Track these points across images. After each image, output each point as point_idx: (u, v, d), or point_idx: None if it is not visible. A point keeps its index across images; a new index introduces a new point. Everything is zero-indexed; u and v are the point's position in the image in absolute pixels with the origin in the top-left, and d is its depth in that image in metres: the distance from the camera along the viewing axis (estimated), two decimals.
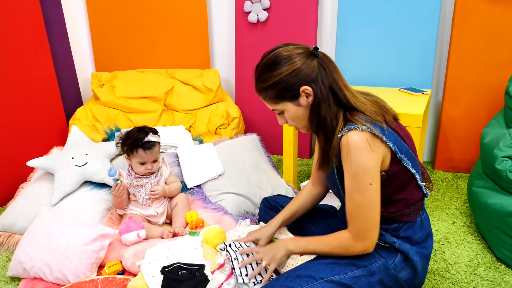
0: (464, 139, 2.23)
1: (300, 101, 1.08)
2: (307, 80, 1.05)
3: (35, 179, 1.85)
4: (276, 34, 2.48)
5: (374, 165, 1.01)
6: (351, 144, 1.01)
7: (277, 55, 1.07)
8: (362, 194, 1.02)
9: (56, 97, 2.35)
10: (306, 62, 1.05)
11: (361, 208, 1.04)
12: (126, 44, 2.68)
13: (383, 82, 2.29)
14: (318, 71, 1.05)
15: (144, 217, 1.66)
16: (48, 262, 1.40)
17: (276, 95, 1.09)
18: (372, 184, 1.02)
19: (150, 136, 1.59)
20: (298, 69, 1.04)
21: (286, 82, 1.05)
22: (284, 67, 1.05)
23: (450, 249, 1.57)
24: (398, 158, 1.06)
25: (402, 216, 1.12)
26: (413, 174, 1.09)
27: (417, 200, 1.13)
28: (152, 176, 1.66)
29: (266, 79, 1.08)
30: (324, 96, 1.05)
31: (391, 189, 1.09)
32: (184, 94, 2.51)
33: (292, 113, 1.11)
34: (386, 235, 1.13)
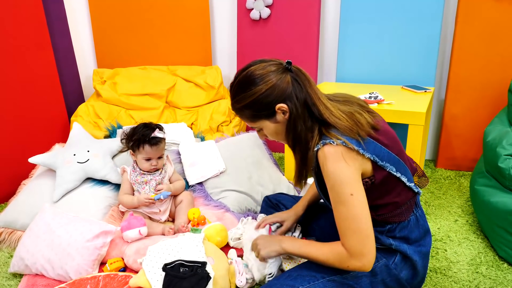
0: (466, 137, 2.22)
1: (277, 118, 1.07)
2: (282, 97, 1.04)
3: (37, 175, 1.85)
4: (278, 31, 2.47)
5: (351, 177, 0.99)
6: (326, 157, 1.00)
7: (250, 74, 1.06)
8: (345, 206, 0.99)
9: (57, 94, 2.34)
10: (280, 78, 1.04)
11: (347, 220, 1.00)
12: (128, 41, 2.67)
13: (386, 79, 2.28)
14: (292, 87, 1.04)
15: (147, 214, 1.66)
16: (50, 259, 1.40)
17: (252, 114, 1.08)
18: (353, 195, 0.99)
19: (156, 132, 1.60)
20: (272, 87, 1.03)
21: (261, 101, 1.05)
22: (257, 87, 1.04)
23: (452, 247, 1.56)
24: (379, 166, 1.05)
25: (394, 217, 1.11)
26: (398, 177, 1.07)
27: (408, 199, 1.12)
28: (156, 172, 1.66)
29: (240, 100, 1.07)
30: (299, 112, 1.05)
31: (379, 194, 1.07)
32: (186, 91, 2.51)
33: (270, 130, 1.11)
34: (382, 237, 1.12)
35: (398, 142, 1.13)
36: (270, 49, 2.52)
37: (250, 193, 1.80)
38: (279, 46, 2.49)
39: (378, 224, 1.11)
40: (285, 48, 2.48)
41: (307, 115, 1.05)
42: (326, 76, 2.60)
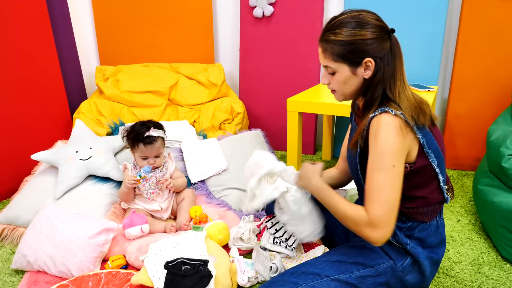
0: (470, 137, 2.21)
1: (357, 69, 1.06)
2: (375, 55, 1.03)
3: (39, 172, 1.85)
4: (281, 29, 2.46)
5: (400, 149, 1.00)
6: (382, 123, 1.00)
7: (363, 17, 1.05)
8: (383, 174, 0.99)
9: (60, 91, 2.34)
10: (383, 37, 1.04)
11: (380, 188, 0.99)
12: (130, 38, 2.67)
13: None
14: (388, 51, 1.04)
15: (148, 211, 1.66)
16: (52, 255, 1.40)
17: (341, 53, 1.05)
18: (395, 167, 0.99)
19: (151, 131, 1.58)
20: (375, 40, 1.03)
21: (358, 45, 1.03)
22: (364, 31, 1.03)
23: (455, 247, 1.56)
24: (424, 153, 1.05)
25: (418, 214, 1.11)
26: (437, 173, 1.08)
27: (436, 202, 1.12)
28: (157, 170, 1.66)
29: (339, 34, 1.04)
30: (381, 76, 1.04)
31: (412, 184, 1.08)
32: (188, 88, 2.50)
33: (343, 77, 1.08)
34: (400, 235, 1.11)
35: (444, 147, 1.14)
36: (273, 46, 2.51)
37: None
38: (282, 44, 2.48)
39: (400, 219, 1.11)
40: (288, 46, 2.48)
41: (385, 84, 1.05)
42: None
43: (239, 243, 1.53)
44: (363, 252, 1.13)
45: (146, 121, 1.66)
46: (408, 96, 1.05)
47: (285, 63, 2.51)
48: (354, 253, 1.14)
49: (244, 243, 1.52)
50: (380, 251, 1.13)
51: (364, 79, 1.07)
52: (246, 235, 1.52)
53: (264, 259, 1.35)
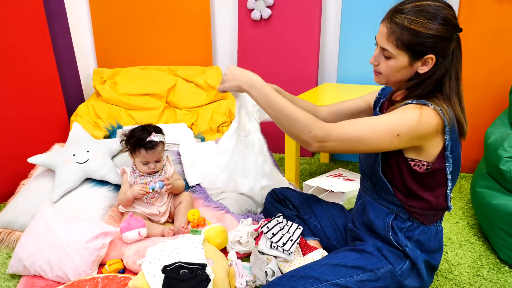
0: (467, 139, 2.16)
1: (416, 63, 1.01)
2: (439, 53, 0.99)
3: (36, 175, 1.84)
4: (279, 32, 2.46)
5: (414, 127, 0.98)
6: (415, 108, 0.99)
7: (441, 10, 0.97)
8: (382, 128, 1.00)
9: (57, 93, 2.33)
10: (452, 37, 0.99)
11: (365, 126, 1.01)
12: (128, 41, 2.66)
13: None
14: (451, 52, 1.01)
15: (146, 215, 1.65)
16: (49, 259, 1.39)
17: (407, 42, 0.99)
18: (399, 136, 0.99)
19: (152, 136, 1.57)
20: (444, 38, 0.98)
21: (427, 40, 0.98)
22: (439, 27, 0.97)
23: (453, 249, 1.56)
24: (444, 156, 1.04)
25: (420, 215, 1.11)
26: (448, 179, 1.07)
27: (440, 208, 1.12)
28: (156, 174, 1.65)
29: (415, 22, 0.98)
30: (438, 75, 1.01)
31: (423, 183, 1.07)
32: (186, 91, 2.50)
33: (398, 65, 1.03)
34: (401, 235, 1.11)
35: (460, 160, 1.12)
36: (271, 49, 2.51)
37: (250, 194, 1.79)
38: (280, 47, 2.48)
39: (399, 217, 1.11)
40: (286, 48, 2.47)
41: (438, 83, 1.02)
42: (327, 77, 2.60)
43: (237, 247, 1.52)
44: (363, 256, 1.13)
45: (146, 126, 1.64)
46: (463, 107, 1.02)
47: (283, 65, 2.51)
48: (354, 257, 1.13)
49: (242, 246, 1.52)
50: (379, 255, 1.13)
51: (416, 73, 1.03)
52: (244, 239, 1.52)
53: (261, 263, 1.35)
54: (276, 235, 1.41)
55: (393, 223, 1.12)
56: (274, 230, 1.42)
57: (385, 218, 1.14)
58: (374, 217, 1.16)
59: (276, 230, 1.42)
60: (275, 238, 1.40)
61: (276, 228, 1.42)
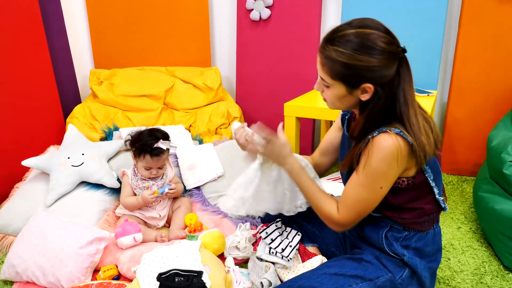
0: (469, 142, 2.18)
1: (354, 91, 0.99)
2: (376, 81, 0.95)
3: (31, 178, 1.80)
4: (278, 32, 2.43)
5: (392, 174, 0.99)
6: (380, 145, 0.95)
7: (372, 39, 0.93)
8: (368, 192, 1.01)
9: (53, 95, 2.30)
10: (389, 64, 0.94)
11: (359, 201, 1.02)
12: (126, 41, 2.63)
13: None
14: (392, 77, 0.95)
15: (143, 219, 1.62)
16: (41, 266, 1.35)
17: (338, 74, 0.97)
18: (382, 188, 1.00)
19: (160, 143, 1.54)
20: (377, 67, 0.93)
21: (359, 70, 0.94)
22: (370, 57, 0.93)
23: (456, 256, 1.52)
24: (422, 169, 1.03)
25: (415, 224, 1.09)
26: (432, 187, 1.06)
27: (433, 211, 1.10)
28: (158, 178, 1.62)
29: (344, 54, 0.94)
30: (382, 104, 0.96)
31: (409, 197, 1.06)
32: (184, 92, 2.47)
33: (337, 94, 1.01)
34: (397, 245, 1.09)
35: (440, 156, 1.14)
36: (271, 50, 2.48)
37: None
38: (279, 48, 2.45)
39: (394, 228, 1.10)
40: (285, 49, 2.44)
41: (386, 110, 0.97)
42: None
43: (235, 252, 1.49)
44: (361, 265, 1.10)
45: (154, 130, 1.60)
46: (420, 127, 0.96)
47: (283, 66, 2.47)
48: (352, 265, 1.11)
49: (240, 252, 1.48)
50: (378, 263, 1.10)
51: (361, 101, 1.00)
52: (242, 244, 1.48)
53: (260, 270, 1.31)
54: (275, 240, 1.37)
55: (388, 234, 1.11)
56: (273, 235, 1.39)
57: (379, 231, 1.12)
58: (368, 230, 1.15)
59: (275, 235, 1.39)
60: (274, 243, 1.37)
61: (275, 234, 1.39)
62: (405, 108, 0.96)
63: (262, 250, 1.38)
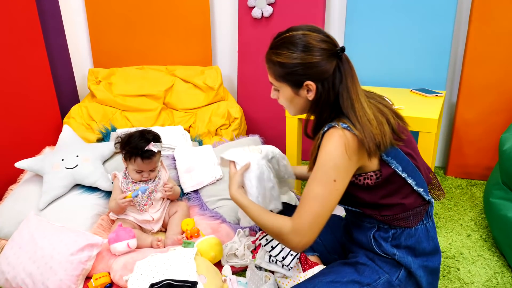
0: (479, 144, 2.10)
1: (300, 91, 1.04)
2: (316, 78, 1.00)
3: (24, 180, 1.75)
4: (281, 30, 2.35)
5: (346, 166, 0.98)
6: (330, 137, 0.98)
7: (302, 38, 1.00)
8: (321, 187, 0.98)
9: (50, 94, 2.25)
10: (325, 60, 0.99)
11: (313, 199, 0.99)
12: (125, 39, 2.57)
13: (394, 82, 2.17)
14: (332, 74, 1.00)
15: (138, 223, 1.56)
16: (31, 273, 1.30)
17: (280, 74, 1.04)
18: (335, 181, 0.98)
19: (151, 145, 1.48)
20: (313, 64, 0.99)
21: (296, 69, 1.00)
22: (301, 54, 0.99)
23: (466, 266, 1.45)
24: (385, 161, 1.01)
25: (399, 220, 1.05)
26: (404, 178, 1.03)
27: (416, 206, 1.06)
28: (150, 181, 1.56)
29: (279, 55, 1.02)
30: (326, 99, 1.02)
31: (384, 192, 1.04)
32: (184, 92, 2.41)
33: (286, 96, 1.07)
34: (386, 245, 1.07)
35: (416, 148, 1.11)
36: None
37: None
38: None
39: (381, 228, 1.08)
40: None
41: (333, 105, 1.02)
42: None
43: (233, 260, 1.43)
44: (357, 269, 1.08)
45: (144, 132, 1.54)
46: (370, 118, 0.98)
47: None
48: (348, 271, 1.08)
49: (239, 259, 1.42)
50: (374, 265, 1.07)
51: (308, 100, 1.05)
52: (240, 251, 1.42)
53: (258, 280, 1.25)
54: (275, 248, 1.31)
55: (376, 235, 1.09)
56: (273, 242, 1.32)
57: (367, 233, 1.10)
58: (357, 234, 1.14)
59: (275, 242, 1.32)
60: (274, 251, 1.31)
61: (276, 241, 1.33)
62: (349, 102, 1.00)
63: (261, 258, 1.31)
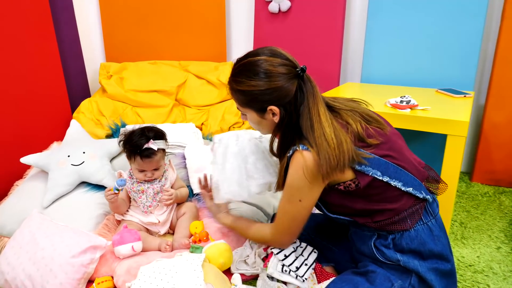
0: (509, 149, 1.96)
1: (265, 115, 1.05)
2: (279, 102, 1.01)
3: (30, 177, 1.70)
4: (298, 25, 2.26)
5: (309, 187, 1.02)
6: (293, 162, 1.02)
7: (259, 64, 1.00)
8: (290, 205, 1.07)
9: (61, 89, 2.20)
10: (286, 84, 1.00)
11: (285, 215, 1.10)
12: (139, 34, 2.51)
13: (418, 81, 2.05)
14: (294, 95, 1.01)
15: (144, 225, 1.49)
16: (31, 275, 1.24)
17: (242, 101, 1.06)
18: (301, 201, 1.04)
19: (150, 143, 1.39)
20: (274, 89, 1.00)
21: (256, 96, 1.02)
22: (260, 81, 1.00)
23: (497, 282, 1.32)
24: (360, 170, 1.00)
25: (393, 224, 1.02)
26: (388, 182, 1.00)
27: (410, 206, 1.03)
28: (155, 181, 1.48)
29: (238, 83, 1.04)
30: (288, 122, 1.03)
31: (370, 198, 1.03)
32: (197, 88, 2.33)
33: (253, 121, 1.10)
34: (388, 252, 1.04)
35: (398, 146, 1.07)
36: (290, 45, 2.32)
37: (261, 205, 1.60)
38: (299, 42, 2.29)
39: (381, 235, 1.05)
40: (305, 44, 2.28)
41: (296, 126, 1.04)
42: (350, 76, 2.38)
43: (243, 267, 1.34)
44: (368, 278, 1.04)
45: (146, 130, 1.46)
46: (326, 135, 0.98)
47: (303, 62, 2.25)
48: (360, 280, 1.04)
49: (249, 267, 1.33)
50: (385, 272, 1.04)
51: (274, 122, 1.06)
52: (251, 259, 1.33)
53: None
54: (288, 257, 1.22)
55: (376, 244, 1.07)
56: (286, 251, 1.23)
57: (368, 242, 1.09)
58: (360, 244, 1.12)
59: (288, 251, 1.23)
60: (288, 260, 1.21)
61: (289, 249, 1.23)
62: (308, 123, 1.00)
63: (273, 268, 1.22)
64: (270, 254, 1.27)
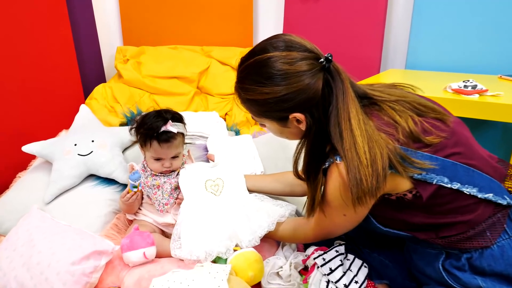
0: None
1: (288, 124, 0.87)
2: (303, 107, 0.82)
3: (34, 167, 1.52)
4: (334, 7, 2.06)
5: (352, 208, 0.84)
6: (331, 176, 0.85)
7: (271, 64, 0.80)
8: (332, 219, 0.92)
9: (74, 74, 2.04)
10: (310, 83, 0.80)
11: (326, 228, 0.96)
12: (159, 17, 2.36)
13: (478, 68, 1.80)
14: (322, 94, 0.81)
15: (159, 225, 1.28)
16: (23, 283, 1.04)
17: (258, 112, 0.88)
18: (346, 216, 0.88)
19: (169, 125, 1.20)
20: (296, 93, 0.80)
21: (274, 104, 0.82)
22: (276, 87, 0.80)
23: None
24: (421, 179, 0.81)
25: (468, 240, 0.83)
26: (459, 190, 0.81)
27: (489, 215, 0.83)
28: (172, 174, 1.28)
29: (248, 90, 0.84)
30: (318, 126, 0.84)
31: (427, 211, 0.84)
32: (220, 75, 2.14)
33: (275, 130, 0.93)
34: (464, 276, 0.85)
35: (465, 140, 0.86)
36: (323, 29, 2.11)
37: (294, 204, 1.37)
38: (334, 26, 2.08)
39: (451, 254, 0.87)
40: (342, 28, 2.07)
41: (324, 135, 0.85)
42: (392, 62, 2.15)
43: (275, 281, 1.11)
44: None
45: (162, 111, 1.27)
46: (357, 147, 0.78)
47: (338, 48, 2.09)
48: None
49: (283, 281, 1.10)
50: None
51: (302, 129, 0.87)
52: (285, 271, 1.10)
53: None
54: (334, 272, 0.99)
55: (446, 266, 0.88)
56: (332, 264, 1.00)
57: (435, 263, 0.90)
58: (423, 265, 0.94)
59: (335, 264, 1.00)
60: (334, 276, 0.98)
61: (336, 262, 1.00)
62: (337, 129, 0.81)
63: (316, 284, 0.99)
64: (312, 266, 1.04)
